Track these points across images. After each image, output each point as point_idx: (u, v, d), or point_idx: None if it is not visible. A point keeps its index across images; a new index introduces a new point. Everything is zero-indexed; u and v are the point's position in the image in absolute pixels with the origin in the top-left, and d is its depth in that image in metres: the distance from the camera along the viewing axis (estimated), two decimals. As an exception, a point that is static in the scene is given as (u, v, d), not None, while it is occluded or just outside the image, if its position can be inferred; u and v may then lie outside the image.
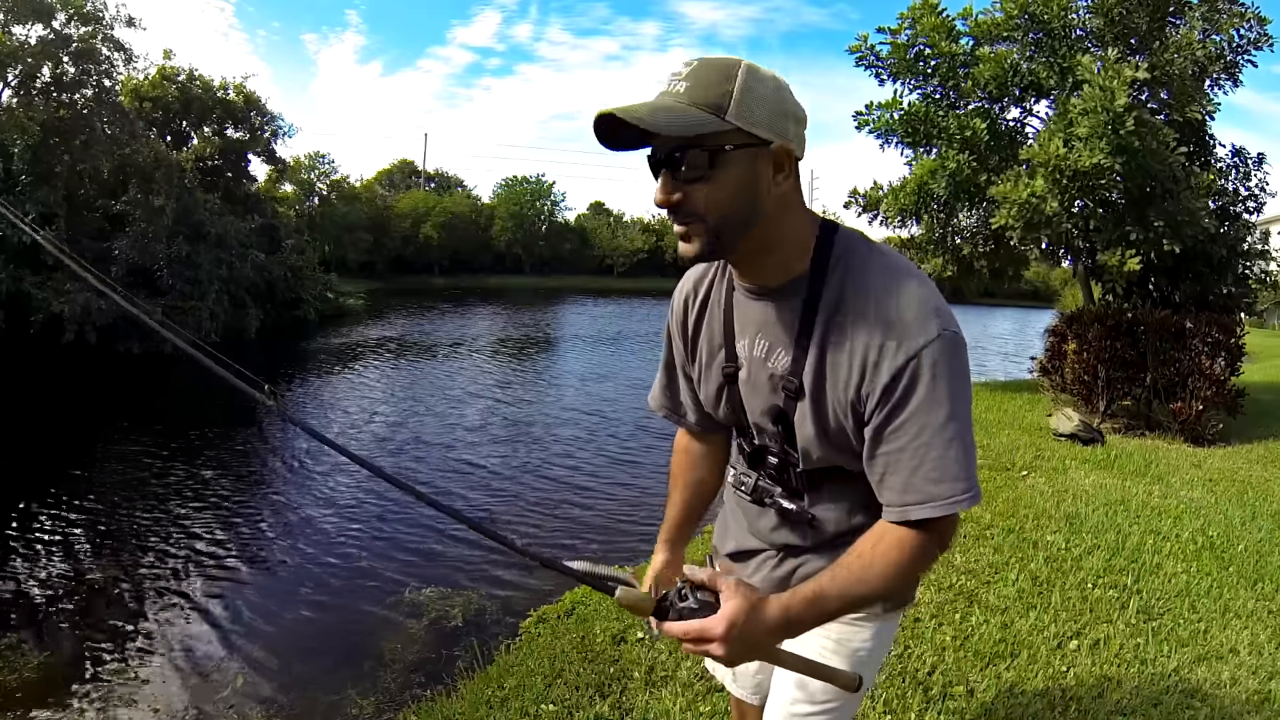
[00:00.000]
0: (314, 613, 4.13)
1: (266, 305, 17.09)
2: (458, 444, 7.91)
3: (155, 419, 9.02)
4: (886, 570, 0.97)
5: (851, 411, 0.99)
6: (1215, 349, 6.74)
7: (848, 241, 1.01)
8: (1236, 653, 2.77)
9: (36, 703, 3.19)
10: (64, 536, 5.19)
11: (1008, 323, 28.81)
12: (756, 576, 1.23)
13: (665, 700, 2.45)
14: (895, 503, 0.98)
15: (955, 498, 0.94)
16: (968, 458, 0.95)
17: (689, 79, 0.90)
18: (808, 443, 1.05)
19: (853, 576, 0.97)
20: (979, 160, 7.69)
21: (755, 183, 0.94)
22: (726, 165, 0.92)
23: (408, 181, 45.29)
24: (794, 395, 1.03)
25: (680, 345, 1.22)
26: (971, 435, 0.97)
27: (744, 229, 0.96)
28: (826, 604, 0.95)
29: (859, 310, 0.96)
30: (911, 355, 0.92)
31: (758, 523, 1.22)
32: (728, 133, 0.90)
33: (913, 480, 0.95)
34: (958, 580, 3.34)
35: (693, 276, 1.20)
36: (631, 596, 0.95)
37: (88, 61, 13.39)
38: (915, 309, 0.94)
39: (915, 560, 0.98)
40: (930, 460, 0.94)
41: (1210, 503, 4.68)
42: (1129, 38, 7.43)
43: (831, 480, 1.10)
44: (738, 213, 0.94)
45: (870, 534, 1.01)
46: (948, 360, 0.93)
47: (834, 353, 0.98)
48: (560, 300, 31.46)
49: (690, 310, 1.18)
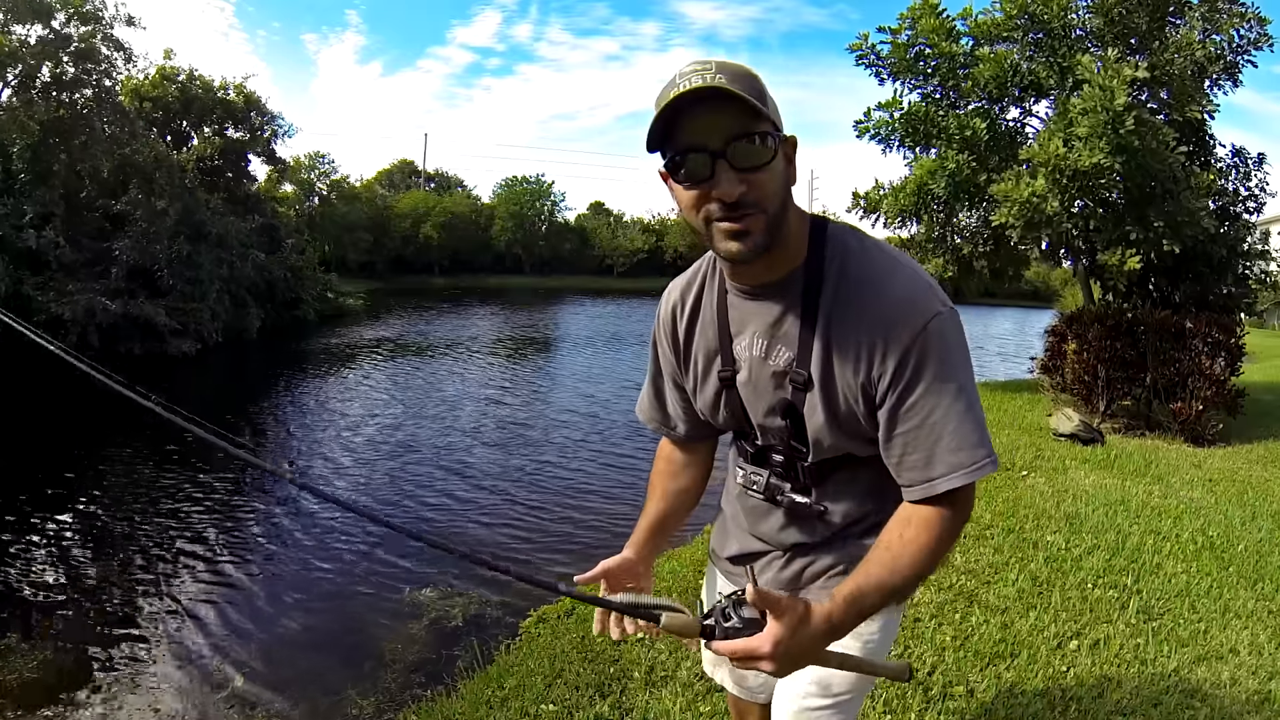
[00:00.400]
0: (314, 613, 4.13)
1: (267, 305, 17.10)
2: (456, 445, 7.90)
3: (154, 419, 9.00)
4: (917, 555, 0.98)
5: (863, 395, 1.00)
6: (1215, 349, 6.74)
7: (840, 234, 1.04)
8: (1236, 653, 2.77)
9: (37, 703, 3.19)
10: (63, 538, 5.19)
11: (1008, 323, 28.80)
12: (765, 577, 1.24)
13: (665, 700, 2.45)
14: (919, 480, 0.99)
15: (978, 464, 0.97)
16: (980, 423, 0.98)
17: (722, 71, 0.90)
18: (819, 433, 1.05)
19: (885, 569, 0.98)
20: (979, 160, 7.69)
21: (788, 172, 0.98)
22: (779, 155, 0.95)
23: (408, 181, 45.31)
24: (802, 387, 1.03)
25: (671, 356, 1.22)
26: (980, 405, 1.00)
27: (784, 220, 0.98)
28: (865, 601, 0.96)
29: (861, 296, 0.98)
30: (918, 332, 0.95)
31: (762, 524, 1.22)
32: (771, 121, 0.93)
33: (935, 453, 0.97)
34: (958, 580, 3.34)
35: (679, 286, 1.20)
36: (678, 622, 0.96)
37: (87, 61, 13.38)
38: (915, 290, 0.97)
39: (943, 537, 1.00)
40: (949, 432, 0.96)
41: (1210, 503, 4.68)
42: (1129, 37, 7.43)
43: (839, 470, 1.11)
44: (784, 202, 0.97)
45: (894, 524, 1.02)
46: (952, 334, 0.97)
47: (840, 340, 0.99)
48: (560, 300, 31.46)
49: (680, 320, 1.18)
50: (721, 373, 1.12)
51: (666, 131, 0.93)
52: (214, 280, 14.87)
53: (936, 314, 0.96)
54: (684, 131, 0.92)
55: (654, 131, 0.93)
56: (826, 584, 1.17)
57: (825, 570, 1.18)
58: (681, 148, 0.93)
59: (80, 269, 13.00)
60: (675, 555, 3.85)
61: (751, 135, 0.90)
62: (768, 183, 0.93)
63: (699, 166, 0.92)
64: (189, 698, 3.27)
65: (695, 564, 3.67)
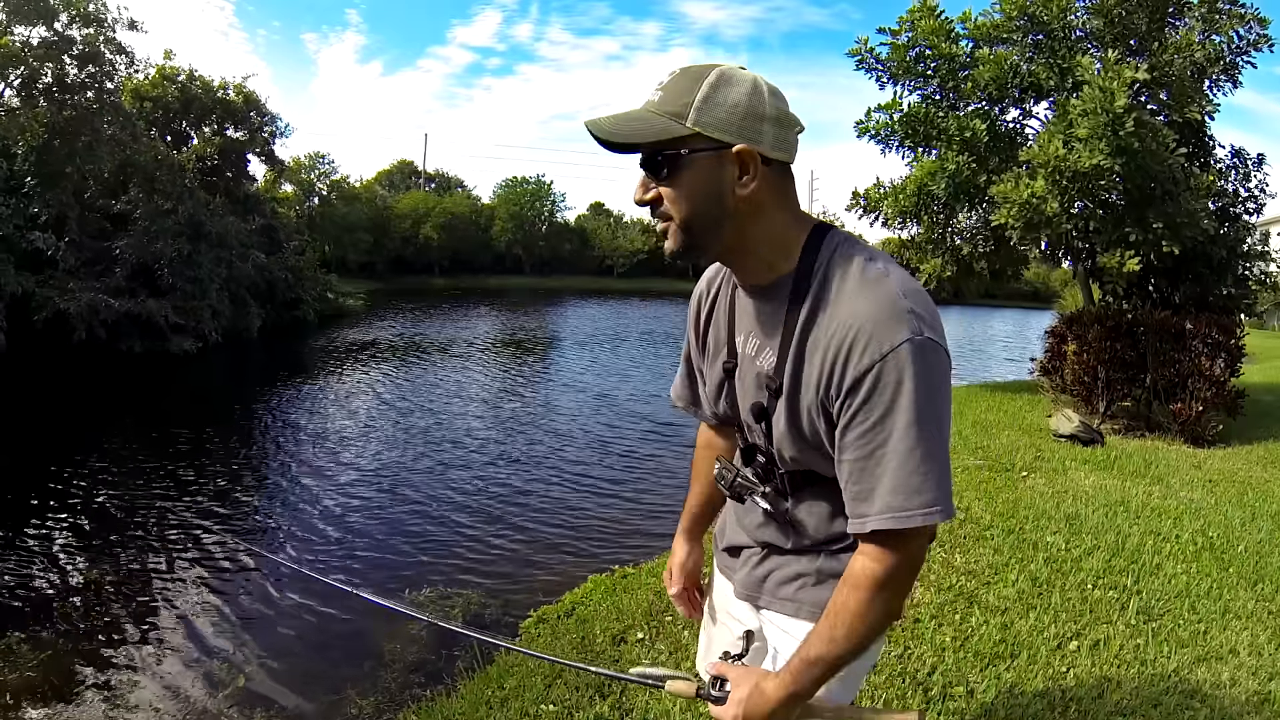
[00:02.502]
0: (314, 613, 4.13)
1: (267, 305, 17.10)
2: (454, 445, 7.90)
3: (155, 418, 9.02)
4: (852, 622, 0.97)
5: (822, 412, 0.98)
6: (1215, 350, 6.74)
7: (835, 244, 1.00)
8: (1236, 653, 2.77)
9: (37, 703, 3.20)
10: (63, 536, 5.19)
11: (1008, 323, 28.82)
12: (741, 573, 1.25)
13: (665, 700, 2.45)
14: (855, 513, 0.97)
15: (910, 511, 0.91)
16: (933, 469, 0.91)
17: (665, 89, 0.96)
18: (781, 442, 1.06)
19: (824, 641, 0.99)
20: (979, 161, 7.70)
21: (719, 184, 0.97)
22: (685, 168, 0.96)
23: (408, 182, 45.28)
24: (775, 394, 1.04)
25: (694, 340, 1.26)
26: (942, 447, 0.93)
27: (715, 228, 0.99)
28: (813, 671, 1.00)
29: (833, 312, 0.96)
30: (877, 359, 0.90)
31: (746, 518, 1.24)
32: (687, 138, 0.94)
33: (875, 490, 0.93)
34: (958, 581, 3.34)
35: (707, 274, 1.23)
36: (678, 688, 1.13)
37: (91, 64, 13.38)
38: (887, 312, 0.91)
39: (882, 590, 0.96)
40: (891, 470, 0.92)
41: (1210, 503, 4.68)
42: (1128, 39, 7.43)
43: (812, 485, 1.10)
44: (705, 213, 0.98)
45: (843, 578, 1.01)
46: (915, 366, 0.89)
47: (809, 353, 0.98)
48: (560, 301, 31.47)
49: (703, 306, 1.22)
50: (726, 364, 1.15)
51: None
52: (214, 280, 14.88)
53: (903, 342, 0.89)
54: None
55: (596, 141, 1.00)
56: (795, 595, 1.16)
57: (792, 578, 1.16)
58: None
59: (81, 269, 13.02)
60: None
61: (658, 153, 0.95)
62: (677, 194, 0.97)
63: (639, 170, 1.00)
64: (189, 697, 3.27)
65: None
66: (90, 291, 12.44)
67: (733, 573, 1.29)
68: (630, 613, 3.20)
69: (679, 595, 1.43)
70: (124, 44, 14.24)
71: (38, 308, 11.82)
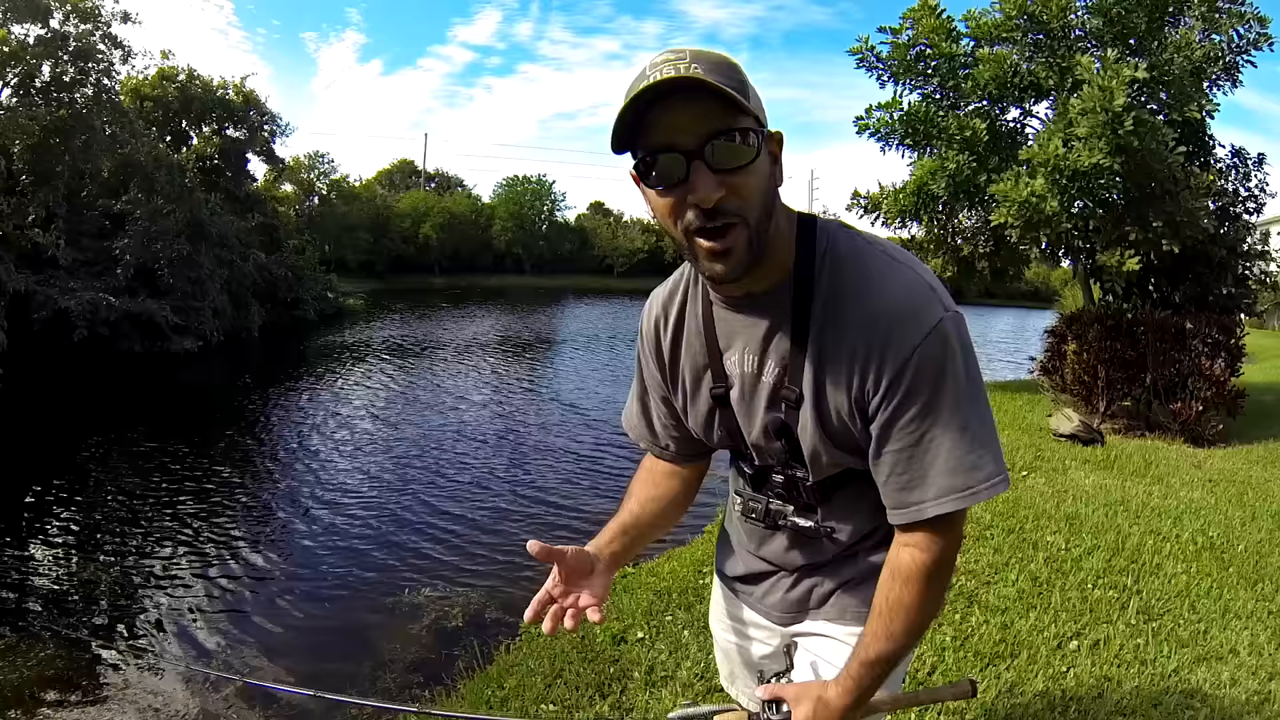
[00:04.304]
0: (314, 613, 4.13)
1: (267, 305, 17.12)
2: (454, 445, 7.90)
3: (156, 418, 9.01)
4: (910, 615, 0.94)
5: (857, 410, 0.92)
6: (1215, 349, 6.74)
7: (831, 234, 0.93)
8: (1236, 653, 2.77)
9: (37, 702, 3.19)
10: (64, 537, 5.19)
11: (1008, 323, 28.80)
12: (770, 599, 1.18)
13: (665, 700, 2.45)
14: (907, 502, 0.91)
15: (973, 488, 0.88)
16: (987, 442, 0.89)
17: (697, 61, 0.79)
18: (814, 450, 0.97)
19: (882, 640, 0.96)
20: (979, 161, 7.69)
21: (774, 173, 0.88)
22: (763, 152, 0.84)
23: (408, 181, 45.26)
24: (795, 405, 0.95)
25: (656, 373, 1.12)
26: (989, 416, 0.91)
27: (770, 228, 0.87)
28: (877, 669, 0.96)
29: (854, 305, 0.89)
30: (917, 344, 0.86)
31: (766, 546, 1.16)
32: (754, 117, 0.82)
33: (929, 474, 0.89)
34: (958, 580, 3.33)
35: (660, 297, 1.10)
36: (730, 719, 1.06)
37: (86, 60, 13.36)
38: (912, 298, 0.87)
39: (933, 580, 0.94)
40: (946, 450, 0.88)
41: (1210, 503, 4.68)
42: (1128, 38, 7.43)
43: (844, 488, 1.04)
44: (768, 208, 0.86)
45: (884, 576, 0.97)
46: (953, 342, 0.87)
47: (833, 353, 0.91)
48: (560, 301, 31.45)
49: (664, 334, 1.08)
50: (713, 390, 1.03)
51: (636, 128, 0.82)
52: (214, 279, 14.88)
53: (936, 324, 0.86)
54: (655, 129, 0.81)
55: (620, 129, 0.81)
56: (838, 600, 1.12)
57: (835, 589, 1.12)
58: (652, 147, 0.82)
59: (80, 268, 13.02)
60: (675, 555, 3.85)
61: (732, 132, 0.80)
62: (750, 185, 0.83)
63: (672, 168, 0.81)
64: (190, 697, 3.27)
65: (695, 564, 3.67)
66: (91, 291, 12.44)
67: (752, 598, 1.22)
68: (630, 612, 3.20)
69: (536, 550, 0.96)
70: (119, 37, 14.23)
71: (38, 307, 11.81)
